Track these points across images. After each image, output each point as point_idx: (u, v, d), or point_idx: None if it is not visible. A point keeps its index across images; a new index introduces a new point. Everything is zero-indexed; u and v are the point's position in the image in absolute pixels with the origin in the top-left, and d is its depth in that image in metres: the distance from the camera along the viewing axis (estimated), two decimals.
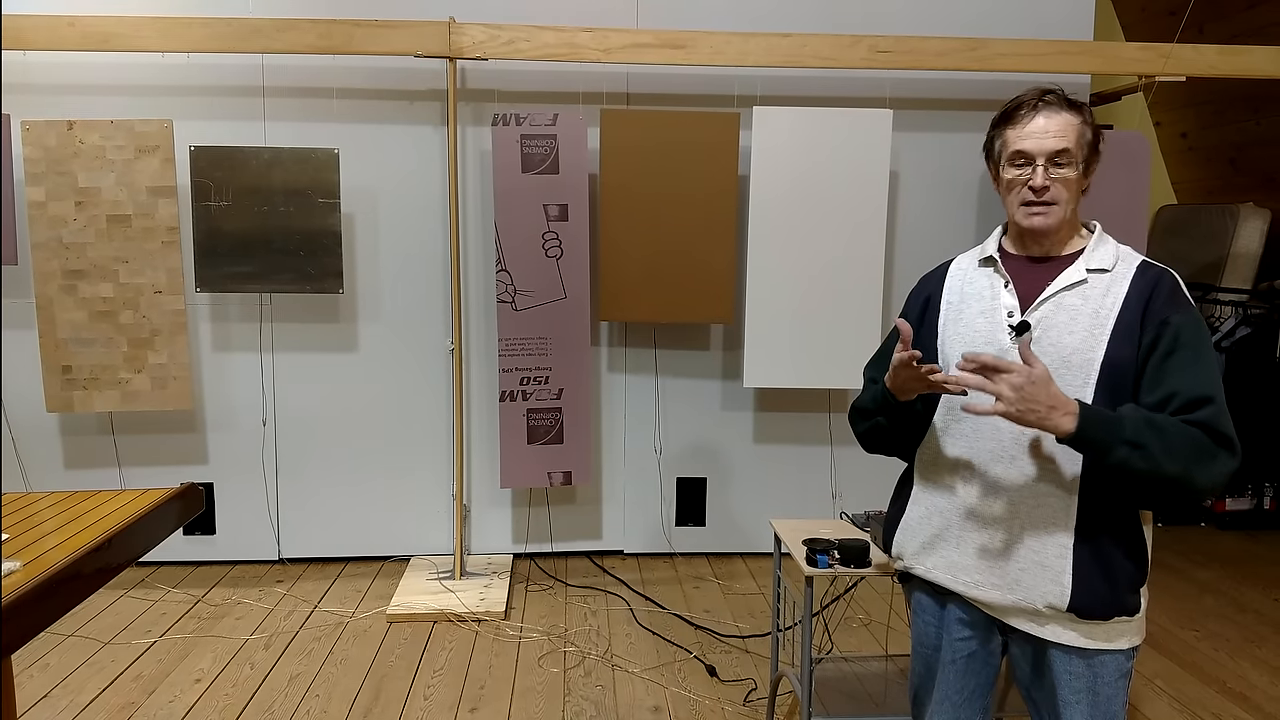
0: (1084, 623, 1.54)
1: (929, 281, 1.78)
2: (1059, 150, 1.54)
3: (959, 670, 1.70)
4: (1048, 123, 1.54)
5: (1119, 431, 1.43)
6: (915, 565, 1.73)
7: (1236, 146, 5.20)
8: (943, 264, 1.79)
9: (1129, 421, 1.44)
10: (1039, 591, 1.55)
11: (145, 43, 3.38)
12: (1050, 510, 1.54)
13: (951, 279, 1.73)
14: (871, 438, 1.78)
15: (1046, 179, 1.55)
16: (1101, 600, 1.52)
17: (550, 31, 3.48)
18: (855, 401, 1.81)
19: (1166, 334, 1.49)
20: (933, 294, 1.74)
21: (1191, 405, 1.46)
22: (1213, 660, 3.22)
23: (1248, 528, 4.63)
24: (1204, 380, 1.47)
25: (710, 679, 3.03)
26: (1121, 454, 1.43)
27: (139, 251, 3.47)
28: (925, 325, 1.73)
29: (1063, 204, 1.56)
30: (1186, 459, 1.43)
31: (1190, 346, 1.49)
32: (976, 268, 1.70)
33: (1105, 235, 1.63)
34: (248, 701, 2.85)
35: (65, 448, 3.84)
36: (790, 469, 4.15)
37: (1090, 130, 1.57)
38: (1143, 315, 1.51)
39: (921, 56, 3.59)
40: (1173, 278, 1.56)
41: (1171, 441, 1.43)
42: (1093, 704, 1.57)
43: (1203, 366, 1.48)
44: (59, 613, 1.49)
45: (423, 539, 4.03)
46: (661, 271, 3.69)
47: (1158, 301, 1.52)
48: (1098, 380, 1.51)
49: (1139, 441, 1.42)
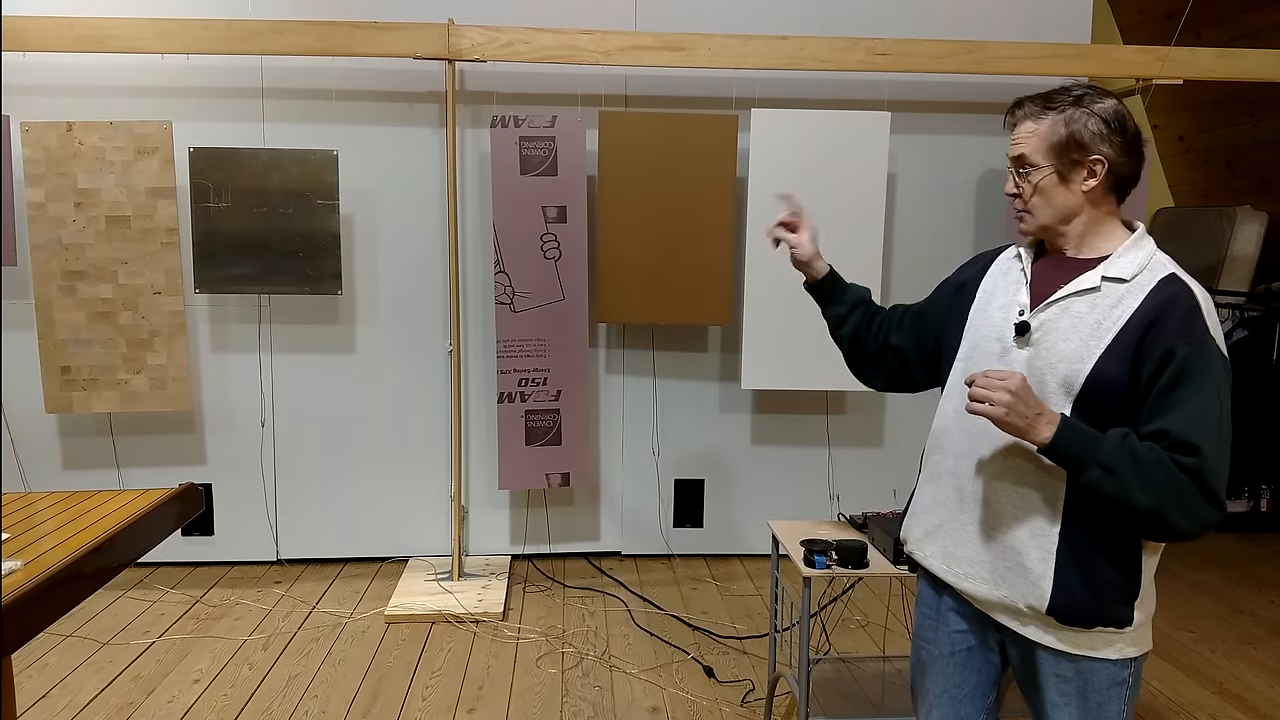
0: (1064, 628, 1.53)
1: (975, 263, 1.78)
2: (1015, 157, 1.58)
3: (957, 664, 1.70)
4: (1014, 131, 1.59)
5: (1094, 452, 1.41)
6: (916, 551, 1.76)
7: (1234, 149, 5.21)
8: (997, 249, 1.78)
9: (1109, 445, 1.41)
10: (1020, 590, 1.54)
11: (144, 44, 3.39)
12: (1039, 513, 1.53)
13: (995, 267, 1.72)
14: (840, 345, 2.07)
15: (1014, 187, 1.60)
16: (1082, 608, 1.49)
17: (549, 33, 3.49)
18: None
19: (1170, 366, 1.41)
20: (971, 278, 1.74)
21: (1180, 449, 1.39)
22: (1209, 662, 3.23)
23: (1244, 530, 4.63)
24: (1198, 425, 1.39)
25: (708, 680, 3.04)
26: (1093, 475, 1.41)
27: (138, 253, 3.48)
28: (956, 309, 1.73)
29: (1038, 210, 1.57)
30: (1160, 497, 1.38)
31: (1191, 382, 1.40)
32: (1011, 259, 1.70)
33: (1142, 242, 1.54)
34: (246, 702, 2.85)
35: (64, 448, 3.84)
36: (788, 471, 4.15)
37: (1066, 128, 1.51)
38: (1143, 338, 1.44)
39: (919, 59, 3.60)
40: (1191, 299, 1.45)
41: (1149, 475, 1.38)
42: (1082, 708, 1.55)
43: (1199, 407, 1.39)
44: (58, 613, 1.49)
45: (421, 540, 4.03)
46: (660, 273, 3.70)
47: (1167, 326, 1.42)
48: (1079, 393, 1.47)
49: (1112, 467, 1.39)
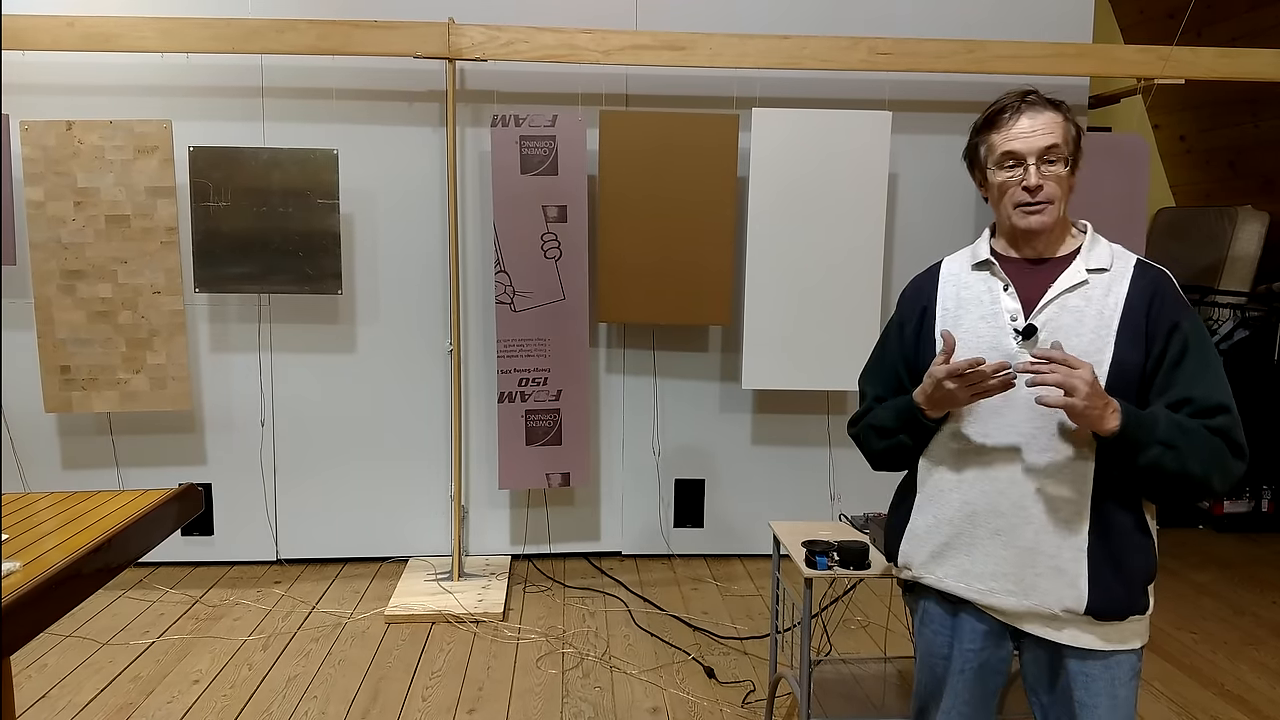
0: (1101, 624, 1.54)
1: (922, 289, 1.74)
2: (1049, 146, 1.54)
3: (969, 679, 1.68)
4: (1033, 122, 1.55)
5: (1152, 431, 1.45)
6: (925, 575, 1.69)
7: (1235, 149, 5.20)
8: (930, 268, 1.75)
9: (1161, 421, 1.46)
10: (1055, 596, 1.54)
11: (144, 43, 3.38)
12: (1064, 514, 1.53)
13: (945, 285, 1.69)
14: (889, 456, 1.72)
15: (1040, 178, 1.54)
16: (1117, 601, 1.53)
17: (549, 33, 3.48)
18: (867, 419, 1.74)
19: (1176, 338, 1.51)
20: (928, 301, 1.70)
21: (1208, 413, 1.48)
22: (1211, 663, 3.22)
23: (1246, 530, 4.63)
24: (1218, 387, 1.50)
25: (709, 680, 3.03)
26: (1154, 454, 1.45)
27: (138, 252, 3.47)
28: (923, 332, 1.69)
29: (1057, 202, 1.56)
30: (1208, 463, 1.46)
31: (1199, 351, 1.51)
32: (969, 271, 1.67)
33: (1097, 235, 1.63)
34: (246, 702, 2.85)
35: (63, 448, 3.83)
36: (788, 471, 4.15)
37: (1074, 127, 1.58)
38: (1148, 318, 1.52)
39: (920, 59, 3.60)
40: (1170, 278, 1.58)
41: (1197, 444, 1.46)
42: (1111, 706, 1.56)
43: (1214, 372, 1.51)
44: (58, 613, 1.48)
45: (421, 540, 4.02)
46: (660, 273, 3.69)
47: (1164, 304, 1.53)
48: (1106, 383, 1.50)
49: (1171, 442, 1.45)
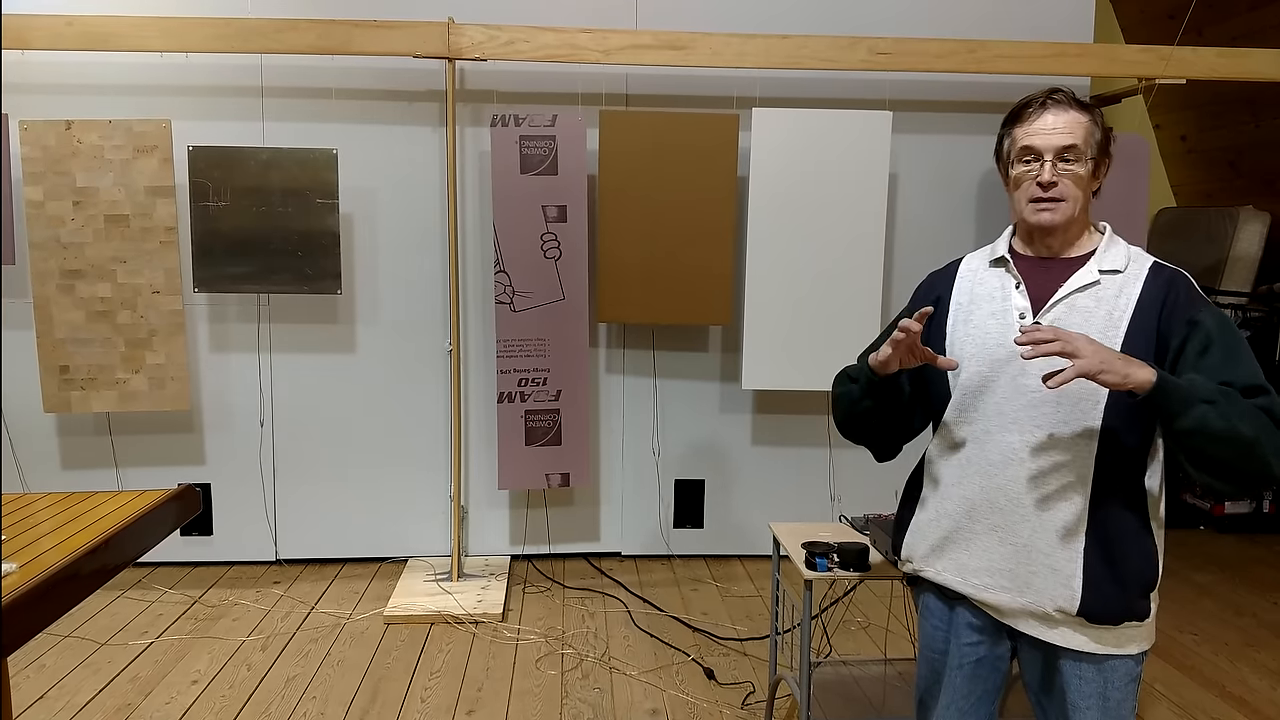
0: (1094, 627, 1.53)
1: (938, 281, 1.76)
2: (1066, 146, 1.53)
3: (966, 675, 1.68)
4: (1055, 119, 1.55)
5: (1193, 386, 1.40)
6: (925, 568, 1.71)
7: (1236, 149, 5.20)
8: (952, 263, 1.77)
9: (1200, 382, 1.41)
10: (1049, 594, 1.53)
11: (144, 43, 3.38)
12: (1063, 513, 1.53)
13: (961, 279, 1.71)
14: (854, 422, 1.77)
15: (1054, 175, 1.54)
16: (1112, 605, 1.51)
17: (549, 32, 3.48)
18: (841, 380, 1.80)
19: (1198, 332, 1.47)
20: (942, 294, 1.72)
21: (1248, 394, 1.42)
22: (1212, 664, 3.21)
23: (1247, 531, 4.63)
24: (1253, 371, 1.45)
25: (708, 682, 3.02)
26: (1199, 411, 1.37)
27: (137, 251, 3.47)
28: (934, 326, 1.71)
29: (1071, 201, 1.55)
30: (1258, 427, 1.38)
31: (1224, 340, 1.47)
32: (987, 268, 1.68)
33: (1116, 236, 1.62)
34: (244, 703, 2.84)
35: (62, 448, 3.83)
36: (789, 471, 4.14)
37: (1100, 130, 1.57)
38: (1160, 318, 1.50)
39: (921, 58, 3.59)
40: (1187, 278, 1.55)
41: (1243, 408, 1.39)
42: (1103, 709, 1.55)
43: (1245, 357, 1.46)
44: (56, 614, 1.48)
45: (420, 540, 4.02)
46: (660, 273, 3.69)
47: (1179, 303, 1.50)
48: None
49: (1214, 399, 1.38)
